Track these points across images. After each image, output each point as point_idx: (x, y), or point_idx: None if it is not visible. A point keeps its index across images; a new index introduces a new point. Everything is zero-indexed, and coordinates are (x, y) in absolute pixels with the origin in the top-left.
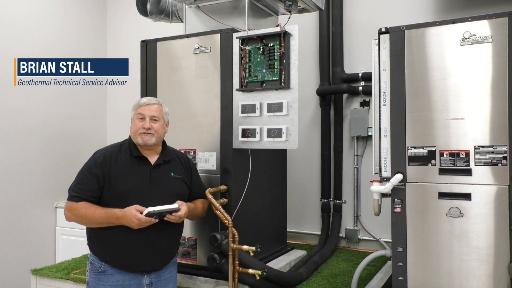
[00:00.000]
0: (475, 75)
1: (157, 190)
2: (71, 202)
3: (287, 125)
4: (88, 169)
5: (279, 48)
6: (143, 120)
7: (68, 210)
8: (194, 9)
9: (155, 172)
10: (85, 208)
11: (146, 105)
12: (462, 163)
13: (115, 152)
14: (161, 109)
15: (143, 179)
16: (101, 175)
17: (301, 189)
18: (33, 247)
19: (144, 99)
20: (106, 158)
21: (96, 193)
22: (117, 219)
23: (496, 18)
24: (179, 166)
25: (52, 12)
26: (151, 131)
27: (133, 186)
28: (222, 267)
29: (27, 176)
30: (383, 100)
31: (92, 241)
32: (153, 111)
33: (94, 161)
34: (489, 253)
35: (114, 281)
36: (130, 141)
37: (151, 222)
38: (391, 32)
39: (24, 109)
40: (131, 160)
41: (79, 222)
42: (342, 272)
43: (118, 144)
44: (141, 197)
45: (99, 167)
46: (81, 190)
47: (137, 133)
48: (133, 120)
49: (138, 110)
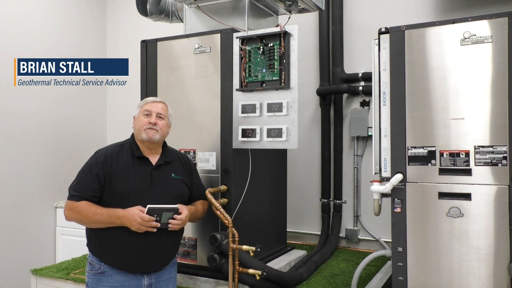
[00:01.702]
0: (475, 75)
1: (157, 191)
2: (71, 202)
3: (287, 125)
4: (89, 169)
5: (279, 48)
6: (149, 116)
7: (68, 209)
8: (194, 9)
9: (156, 172)
10: (86, 207)
11: (153, 102)
12: (462, 163)
13: (116, 152)
14: (167, 108)
15: (144, 179)
16: (102, 175)
17: (301, 189)
18: (33, 247)
19: (151, 98)
20: (107, 158)
21: (97, 192)
22: (118, 219)
23: (496, 18)
24: (179, 167)
25: (52, 12)
26: (157, 127)
27: (134, 186)
28: (222, 267)
29: (27, 176)
30: (383, 100)
31: (92, 242)
32: (159, 109)
33: (95, 161)
34: (489, 253)
35: (114, 282)
36: (132, 141)
37: (151, 225)
38: (391, 32)
39: (24, 110)
40: (132, 161)
41: (79, 221)
42: (342, 272)
43: (119, 144)
44: (141, 198)
45: (100, 167)
46: (81, 190)
47: (142, 129)
48: (137, 117)
49: (144, 107)
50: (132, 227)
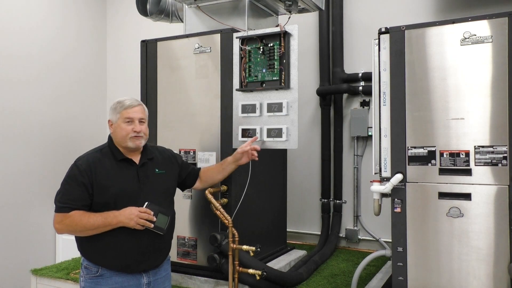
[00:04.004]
0: (475, 75)
1: (145, 189)
2: (61, 214)
3: (287, 125)
4: (73, 179)
5: (279, 48)
6: (131, 123)
7: (58, 222)
8: (194, 9)
9: (142, 171)
10: (79, 216)
11: (131, 108)
12: (462, 163)
13: (98, 158)
14: (144, 109)
15: (132, 180)
16: (89, 183)
17: (301, 189)
18: (33, 247)
19: (127, 101)
20: (90, 165)
21: (86, 201)
22: (115, 217)
23: (496, 18)
24: (160, 160)
25: (52, 12)
26: (141, 133)
27: (123, 188)
28: (222, 267)
29: (27, 176)
30: (383, 100)
31: (85, 247)
32: (140, 113)
33: (78, 170)
34: (489, 253)
35: (113, 283)
36: (111, 145)
37: (149, 218)
38: (391, 32)
39: (24, 109)
40: (116, 164)
41: (73, 232)
42: (342, 272)
43: (98, 149)
44: (131, 199)
45: (84, 175)
46: (69, 201)
47: (127, 138)
48: (118, 124)
49: (124, 114)
50: (130, 222)
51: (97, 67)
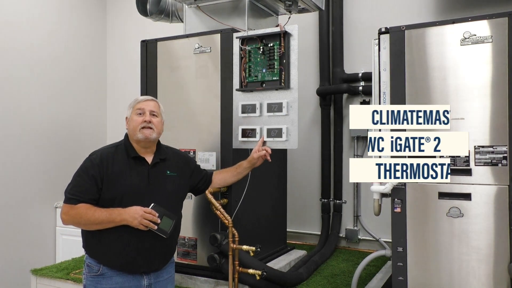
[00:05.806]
0: (475, 75)
1: (153, 190)
2: (69, 205)
3: (287, 125)
4: (85, 171)
5: (279, 48)
6: (142, 114)
7: (65, 213)
8: (194, 9)
9: (153, 171)
10: (85, 209)
11: (144, 100)
12: (462, 163)
13: (112, 153)
14: (159, 106)
15: (142, 179)
16: (99, 177)
17: (301, 189)
18: (33, 247)
19: (142, 97)
20: (103, 160)
21: (94, 195)
22: (119, 215)
23: (496, 18)
24: (174, 163)
25: (52, 12)
26: (152, 125)
27: (132, 187)
28: (222, 267)
29: (27, 176)
30: (383, 100)
31: (89, 244)
32: (152, 106)
33: (91, 163)
34: (489, 253)
35: (113, 283)
36: (127, 141)
37: (153, 219)
38: (391, 32)
39: (24, 109)
40: (128, 161)
41: (77, 224)
42: (342, 272)
43: (114, 145)
44: (138, 197)
45: (96, 169)
46: (78, 193)
47: (137, 128)
48: (130, 117)
49: (136, 106)
50: (133, 221)
51: (97, 67)
